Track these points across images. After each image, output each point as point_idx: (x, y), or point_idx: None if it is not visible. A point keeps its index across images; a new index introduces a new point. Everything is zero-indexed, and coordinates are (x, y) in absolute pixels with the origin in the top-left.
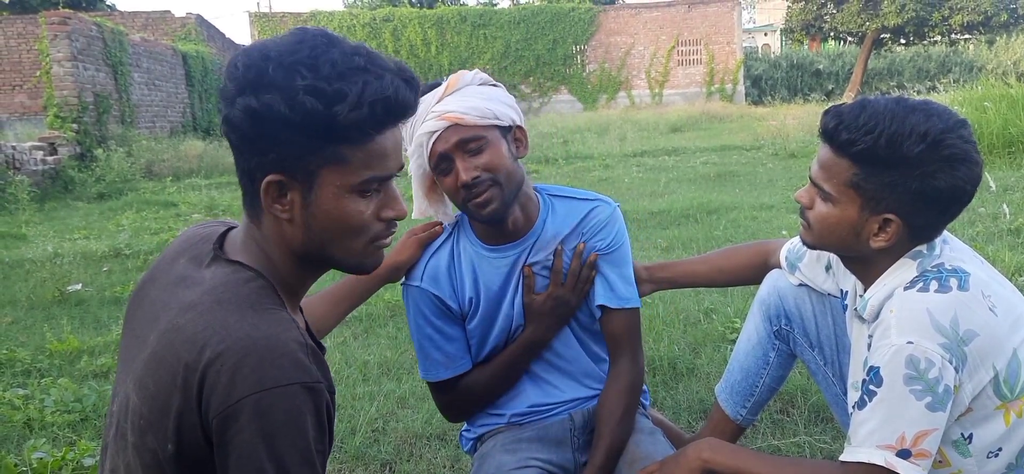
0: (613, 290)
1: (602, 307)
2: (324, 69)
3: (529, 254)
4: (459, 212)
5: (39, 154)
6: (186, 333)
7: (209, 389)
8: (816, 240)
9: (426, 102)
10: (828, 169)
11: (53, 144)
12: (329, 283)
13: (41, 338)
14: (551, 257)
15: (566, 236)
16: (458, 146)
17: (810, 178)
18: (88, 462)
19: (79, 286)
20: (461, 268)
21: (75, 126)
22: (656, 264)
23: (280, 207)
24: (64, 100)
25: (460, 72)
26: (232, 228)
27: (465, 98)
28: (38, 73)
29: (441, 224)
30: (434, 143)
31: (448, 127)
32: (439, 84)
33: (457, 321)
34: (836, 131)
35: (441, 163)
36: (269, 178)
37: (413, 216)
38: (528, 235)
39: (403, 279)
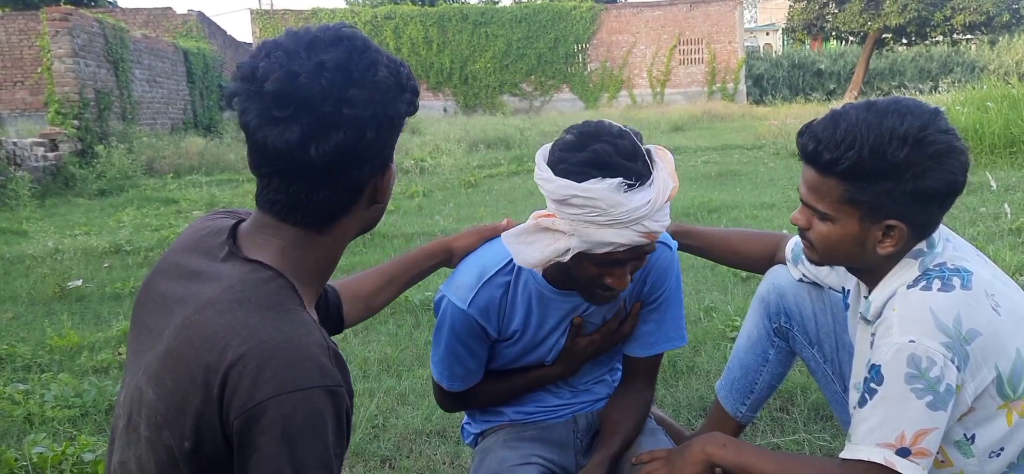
0: (654, 341)
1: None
2: (391, 56)
3: (601, 306)
4: None
5: (40, 150)
6: (206, 332)
7: (231, 390)
8: (822, 258)
9: (635, 208)
10: (818, 191)
11: (54, 140)
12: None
13: (41, 334)
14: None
15: (628, 292)
16: (639, 255)
17: (802, 200)
18: (88, 457)
19: (80, 282)
20: (515, 301)
21: (76, 122)
22: (682, 228)
23: (383, 192)
24: (65, 96)
25: (675, 180)
26: (242, 221)
27: (667, 213)
28: (39, 69)
29: (507, 222)
30: (624, 251)
31: (646, 245)
32: (644, 170)
33: (487, 345)
34: (817, 153)
35: (610, 263)
36: (389, 170)
37: (519, 261)
38: None
39: (449, 290)
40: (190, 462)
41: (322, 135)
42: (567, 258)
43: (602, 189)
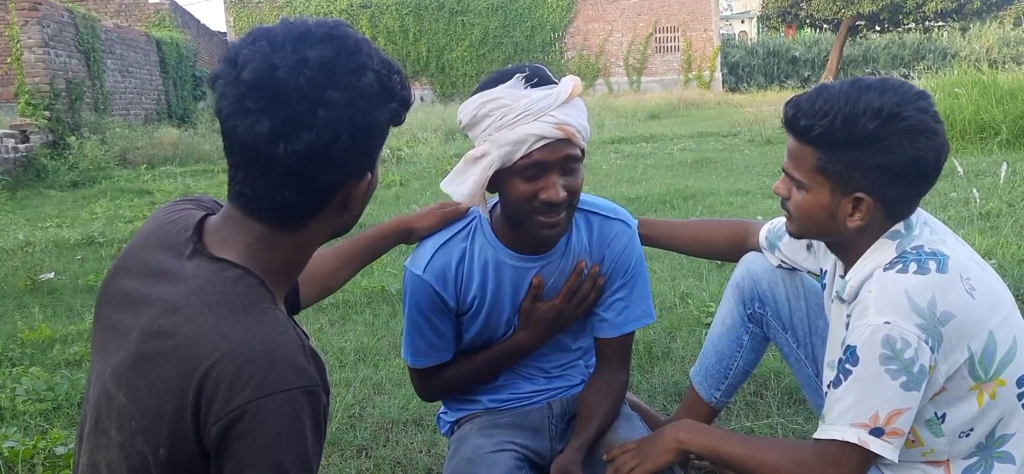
0: (623, 321)
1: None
2: (387, 61)
3: (555, 269)
4: (477, 212)
5: (11, 142)
6: (177, 338)
7: (207, 398)
8: (798, 228)
9: (538, 99)
10: (795, 158)
11: (25, 132)
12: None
13: (13, 327)
14: (570, 273)
15: (590, 258)
16: (562, 161)
17: (783, 169)
18: (60, 451)
19: (52, 275)
20: (471, 267)
21: (47, 113)
22: (639, 219)
23: (355, 199)
24: (36, 87)
25: (576, 79)
26: (209, 214)
27: (579, 113)
28: (9, 60)
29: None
30: (541, 148)
31: (561, 139)
32: (546, 76)
33: (450, 316)
34: (795, 119)
35: (533, 168)
36: (366, 178)
37: (457, 198)
38: (553, 251)
39: (408, 261)
40: (164, 469)
41: (293, 133)
42: (482, 171)
43: (504, 88)
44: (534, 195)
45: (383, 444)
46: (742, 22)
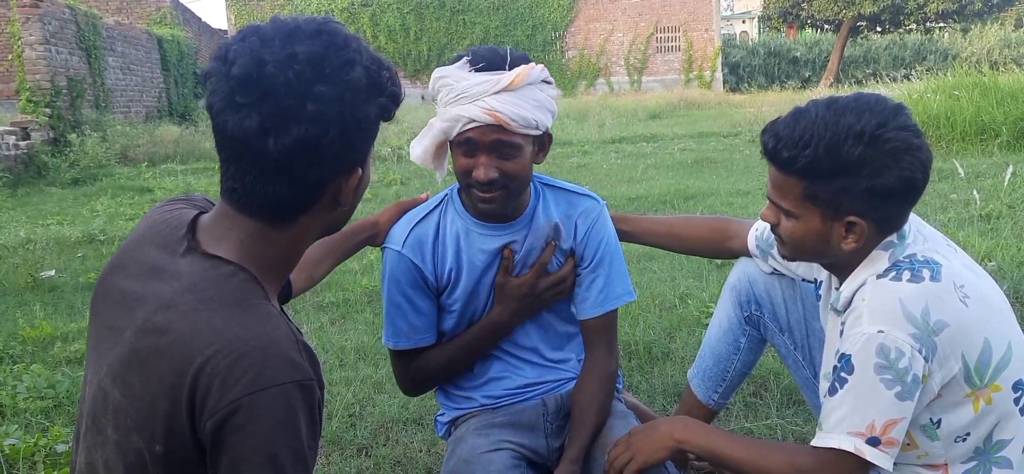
0: (604, 297)
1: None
2: (376, 57)
3: (522, 239)
4: (449, 190)
5: (11, 139)
6: (171, 335)
7: (202, 394)
8: (792, 254)
9: (476, 83)
10: (780, 188)
11: (26, 129)
12: None
13: (13, 324)
14: (540, 245)
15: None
16: (491, 145)
17: (768, 198)
18: (61, 448)
19: (53, 272)
20: (445, 241)
21: (48, 110)
22: (618, 215)
23: (346, 195)
24: (36, 84)
25: (530, 67)
26: (202, 212)
27: (519, 104)
28: (10, 57)
29: (426, 196)
30: (470, 128)
31: (491, 124)
32: (497, 62)
33: (430, 295)
34: (776, 151)
35: (466, 146)
36: (356, 174)
37: (412, 157)
38: (520, 219)
39: (384, 243)
40: (161, 465)
41: (282, 127)
42: (430, 139)
43: (453, 68)
44: (469, 170)
45: (383, 443)
46: (743, 22)
